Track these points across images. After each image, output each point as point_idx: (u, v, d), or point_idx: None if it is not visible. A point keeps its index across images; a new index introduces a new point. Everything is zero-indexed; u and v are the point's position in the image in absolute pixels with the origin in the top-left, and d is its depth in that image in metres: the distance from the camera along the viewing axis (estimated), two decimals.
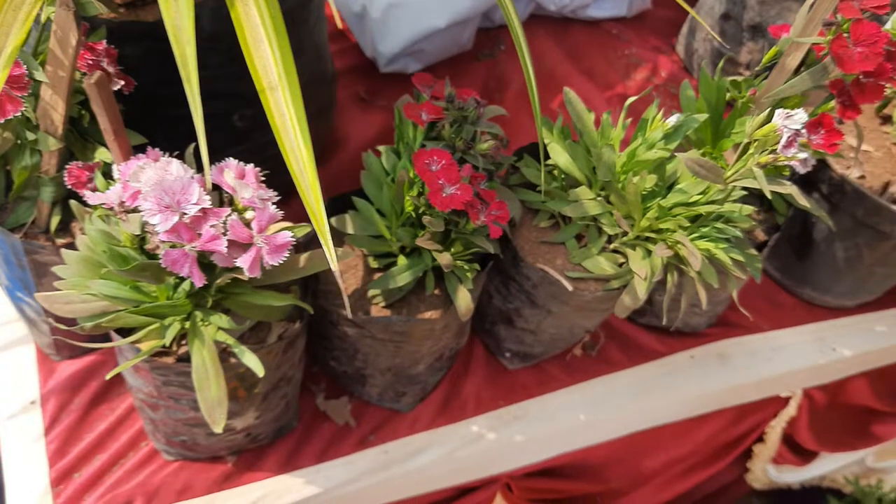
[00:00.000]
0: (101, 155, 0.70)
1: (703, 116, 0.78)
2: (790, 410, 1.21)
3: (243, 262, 0.57)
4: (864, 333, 1.12)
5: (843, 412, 1.32)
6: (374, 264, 0.80)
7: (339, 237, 0.80)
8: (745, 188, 0.80)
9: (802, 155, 0.68)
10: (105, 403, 0.89)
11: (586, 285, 0.81)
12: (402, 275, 0.76)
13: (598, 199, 0.79)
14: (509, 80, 1.26)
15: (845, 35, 0.67)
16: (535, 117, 0.65)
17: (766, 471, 1.46)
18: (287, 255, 0.58)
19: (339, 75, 1.12)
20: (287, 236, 0.58)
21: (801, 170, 0.72)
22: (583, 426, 0.98)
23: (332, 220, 0.80)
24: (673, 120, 0.77)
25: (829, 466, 1.55)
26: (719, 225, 0.77)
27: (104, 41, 0.68)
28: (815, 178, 0.97)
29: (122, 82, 0.70)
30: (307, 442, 0.89)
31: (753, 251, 0.86)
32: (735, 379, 1.05)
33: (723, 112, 0.83)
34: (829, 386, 1.20)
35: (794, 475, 1.52)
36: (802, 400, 1.20)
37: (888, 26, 0.80)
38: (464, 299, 0.76)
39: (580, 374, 1.00)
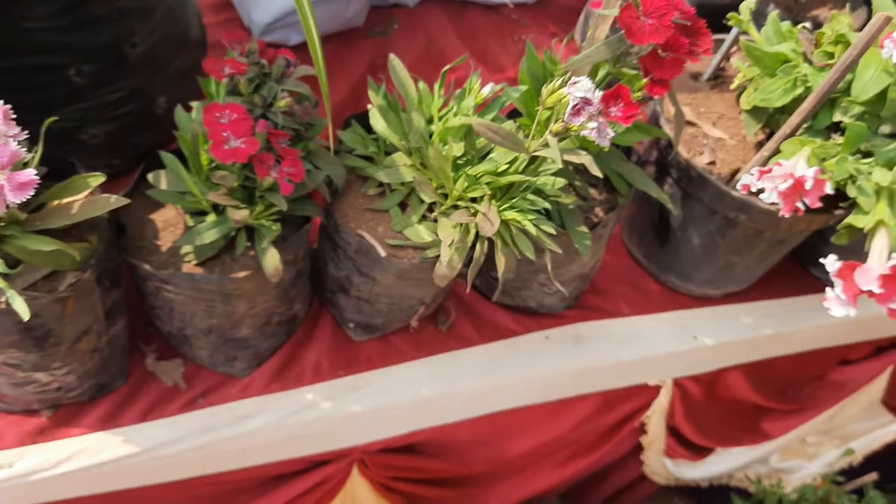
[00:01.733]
0: None
1: (523, 88, 0.78)
2: (662, 401, 1.21)
3: None
4: (729, 324, 1.12)
5: (724, 406, 1.32)
6: (189, 222, 0.80)
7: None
8: (574, 165, 0.80)
9: (592, 124, 0.68)
10: None
11: (404, 253, 0.81)
12: (209, 231, 0.76)
13: (415, 166, 0.79)
14: (399, 58, 1.25)
15: (635, 6, 0.67)
16: (322, 89, 0.65)
17: (664, 464, 1.46)
18: (31, 193, 0.58)
19: (219, 45, 1.12)
20: (31, 174, 0.58)
21: (600, 141, 0.72)
22: (428, 401, 0.98)
23: (149, 175, 0.79)
24: (487, 90, 0.77)
25: (730, 464, 1.55)
26: (530, 196, 0.77)
27: None
28: (667, 163, 0.97)
29: None
30: (132, 401, 0.89)
31: (584, 228, 0.86)
32: (589, 361, 1.05)
33: None
34: (702, 378, 1.20)
35: (693, 470, 1.52)
36: (674, 390, 1.20)
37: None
38: (270, 261, 0.76)
39: (428, 349, 1.00)
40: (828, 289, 0.80)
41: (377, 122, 0.79)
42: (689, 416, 1.28)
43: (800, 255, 1.17)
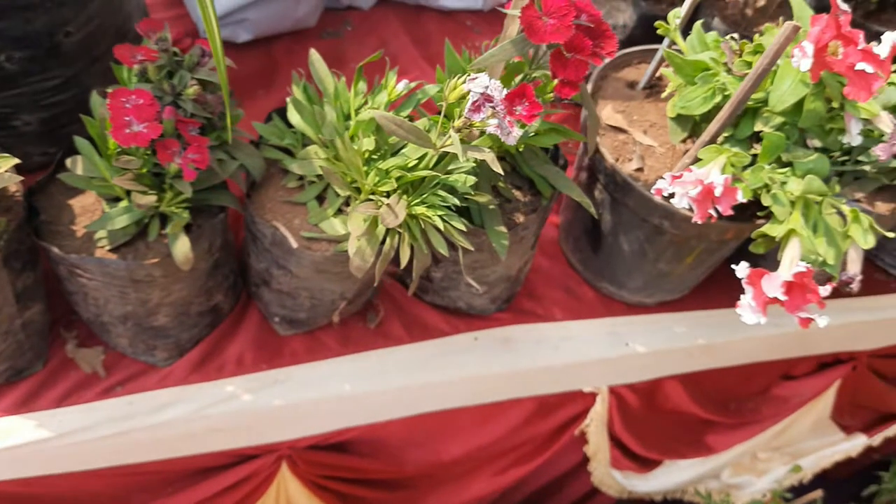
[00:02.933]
0: None
1: (437, 87, 0.79)
2: (599, 409, 1.21)
3: None
4: (662, 332, 1.12)
5: (665, 417, 1.32)
6: (106, 208, 0.81)
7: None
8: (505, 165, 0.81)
9: (493, 121, 0.69)
10: None
11: (319, 245, 0.82)
12: (120, 217, 0.76)
13: (329, 159, 0.79)
14: (349, 59, 1.27)
15: (536, 6, 0.68)
16: (221, 79, 0.66)
17: (613, 476, 1.46)
18: None
19: None
20: None
21: (505, 139, 0.72)
22: (352, 397, 0.98)
23: (67, 160, 0.80)
24: (401, 86, 0.78)
25: (680, 477, 1.55)
26: (441, 192, 0.78)
27: None
28: (596, 168, 0.98)
29: None
30: (49, 387, 0.89)
31: (502, 228, 0.87)
32: (518, 364, 1.05)
33: None
34: (638, 387, 1.20)
35: (643, 483, 1.52)
36: (610, 398, 1.20)
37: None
38: (180, 248, 0.76)
39: (355, 346, 1.01)
40: (742, 296, 0.80)
41: (293, 115, 0.80)
42: (629, 426, 1.28)
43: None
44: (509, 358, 1.05)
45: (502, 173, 0.72)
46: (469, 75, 0.68)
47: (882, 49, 0.87)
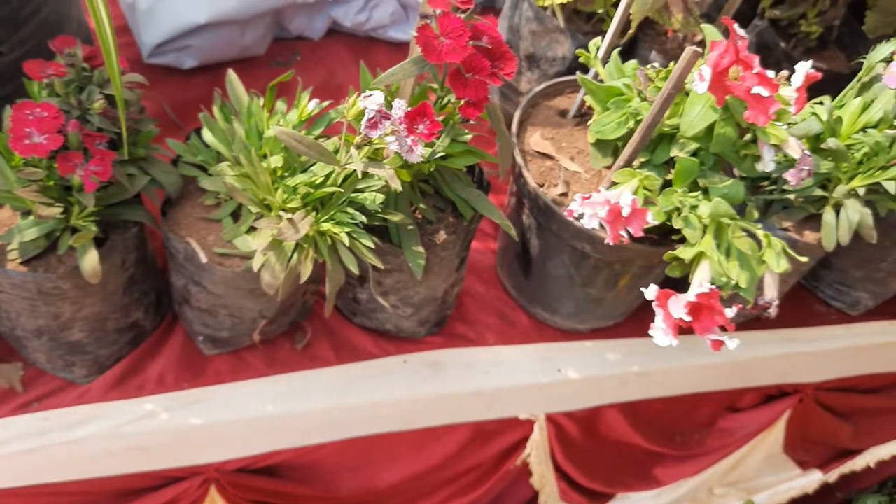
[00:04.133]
0: None
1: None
2: (537, 437, 1.20)
3: None
4: (595, 359, 1.12)
5: (609, 448, 1.31)
6: (20, 221, 0.81)
7: None
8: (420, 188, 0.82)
9: (390, 138, 0.70)
10: None
11: (230, 261, 0.82)
12: (30, 230, 0.77)
13: (239, 176, 0.81)
14: (294, 88, 1.29)
15: (433, 27, 0.70)
16: (116, 94, 0.67)
17: None
18: None
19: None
20: None
21: (407, 157, 0.73)
22: (276, 419, 0.98)
23: None
24: (312, 105, 0.79)
25: None
26: (350, 210, 0.79)
27: None
28: (522, 193, 0.99)
29: None
30: None
31: (419, 248, 0.87)
32: (447, 388, 1.05)
33: None
34: (576, 415, 1.20)
35: None
36: (548, 426, 1.20)
37: None
38: (88, 262, 0.77)
39: (281, 367, 1.00)
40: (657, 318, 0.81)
41: (206, 132, 0.81)
42: (571, 456, 1.27)
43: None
44: (438, 381, 1.05)
45: (400, 189, 0.72)
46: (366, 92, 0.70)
47: (795, 79, 0.89)
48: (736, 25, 0.78)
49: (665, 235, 0.94)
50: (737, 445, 1.41)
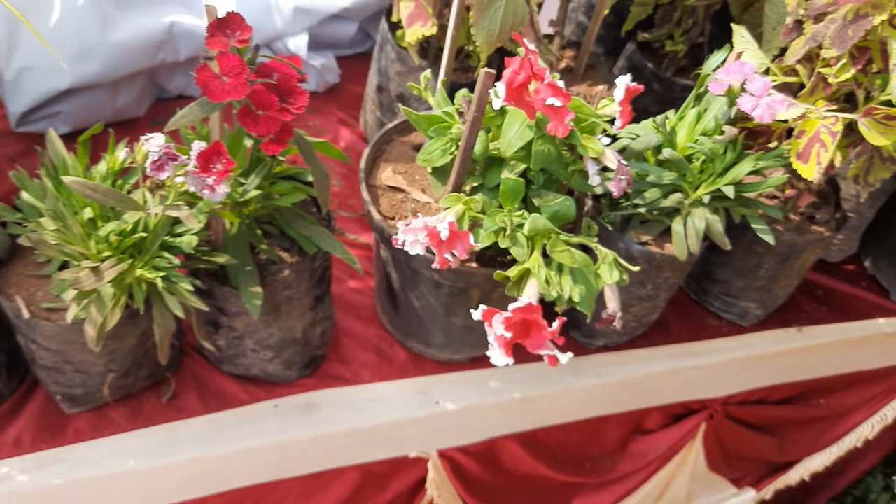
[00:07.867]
0: None
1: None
2: (434, 476, 1.18)
3: None
4: (474, 388, 1.12)
5: (517, 481, 1.29)
6: None
7: None
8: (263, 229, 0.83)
9: (180, 179, 0.71)
10: None
11: (58, 315, 0.83)
12: None
13: (59, 230, 0.81)
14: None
15: (212, 66, 0.71)
16: None
17: None
18: None
19: None
20: None
21: (209, 197, 0.74)
22: (139, 473, 0.97)
23: None
24: (122, 154, 0.80)
25: None
26: (166, 255, 0.79)
27: None
28: (374, 227, 1.00)
29: None
30: None
31: (256, 289, 0.88)
32: (321, 429, 1.04)
33: None
34: (471, 449, 1.18)
35: None
36: (444, 464, 1.18)
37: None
38: None
39: (145, 421, 1.00)
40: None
41: (24, 192, 0.82)
42: (477, 495, 1.25)
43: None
44: (310, 423, 1.04)
45: (199, 227, 0.73)
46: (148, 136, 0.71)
47: (617, 93, 0.91)
48: (526, 40, 0.80)
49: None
50: (653, 468, 1.39)
